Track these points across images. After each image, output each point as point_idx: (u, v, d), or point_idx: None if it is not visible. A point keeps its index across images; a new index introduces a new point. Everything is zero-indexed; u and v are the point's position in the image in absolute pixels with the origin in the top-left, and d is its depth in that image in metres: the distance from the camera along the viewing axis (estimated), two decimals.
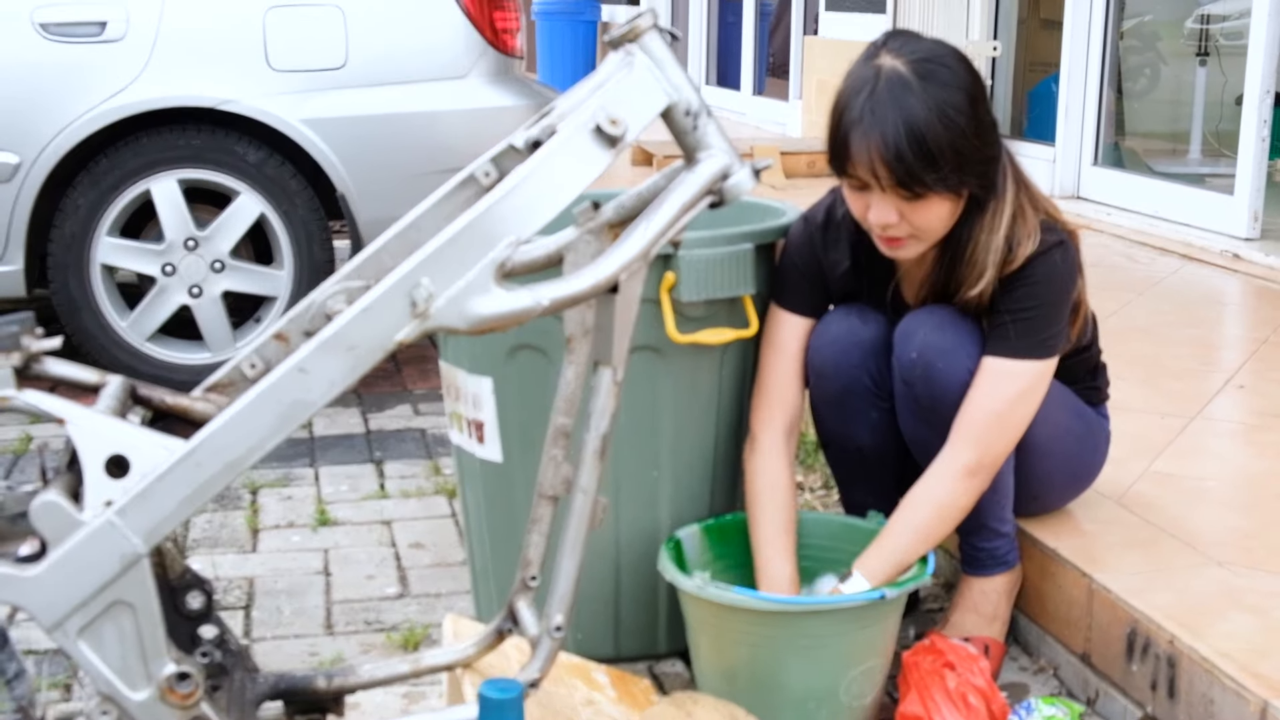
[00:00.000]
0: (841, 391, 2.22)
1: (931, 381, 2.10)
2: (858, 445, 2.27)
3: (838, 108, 2.02)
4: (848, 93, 2.01)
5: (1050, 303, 2.09)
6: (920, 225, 2.03)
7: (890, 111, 1.95)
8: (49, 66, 3.67)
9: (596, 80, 1.68)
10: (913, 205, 2.00)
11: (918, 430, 2.17)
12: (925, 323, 2.13)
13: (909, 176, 1.96)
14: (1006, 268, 2.07)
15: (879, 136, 1.95)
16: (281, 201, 3.82)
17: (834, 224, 2.22)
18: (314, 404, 1.55)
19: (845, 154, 2.00)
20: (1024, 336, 2.08)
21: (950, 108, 1.97)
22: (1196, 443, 2.80)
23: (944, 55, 2.01)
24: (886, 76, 1.98)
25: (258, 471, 3.29)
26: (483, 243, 1.56)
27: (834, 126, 2.02)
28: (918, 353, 2.11)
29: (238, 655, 1.84)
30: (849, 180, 2.04)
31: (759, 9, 9.28)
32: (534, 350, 2.19)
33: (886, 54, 2.01)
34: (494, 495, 2.32)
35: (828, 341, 2.21)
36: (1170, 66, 7.13)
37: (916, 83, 1.96)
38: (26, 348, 1.61)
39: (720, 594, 1.99)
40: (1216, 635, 1.98)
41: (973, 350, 2.10)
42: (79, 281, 3.77)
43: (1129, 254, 4.77)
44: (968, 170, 2.00)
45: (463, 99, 3.90)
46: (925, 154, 1.95)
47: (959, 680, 2.02)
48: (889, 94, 1.96)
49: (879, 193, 2.00)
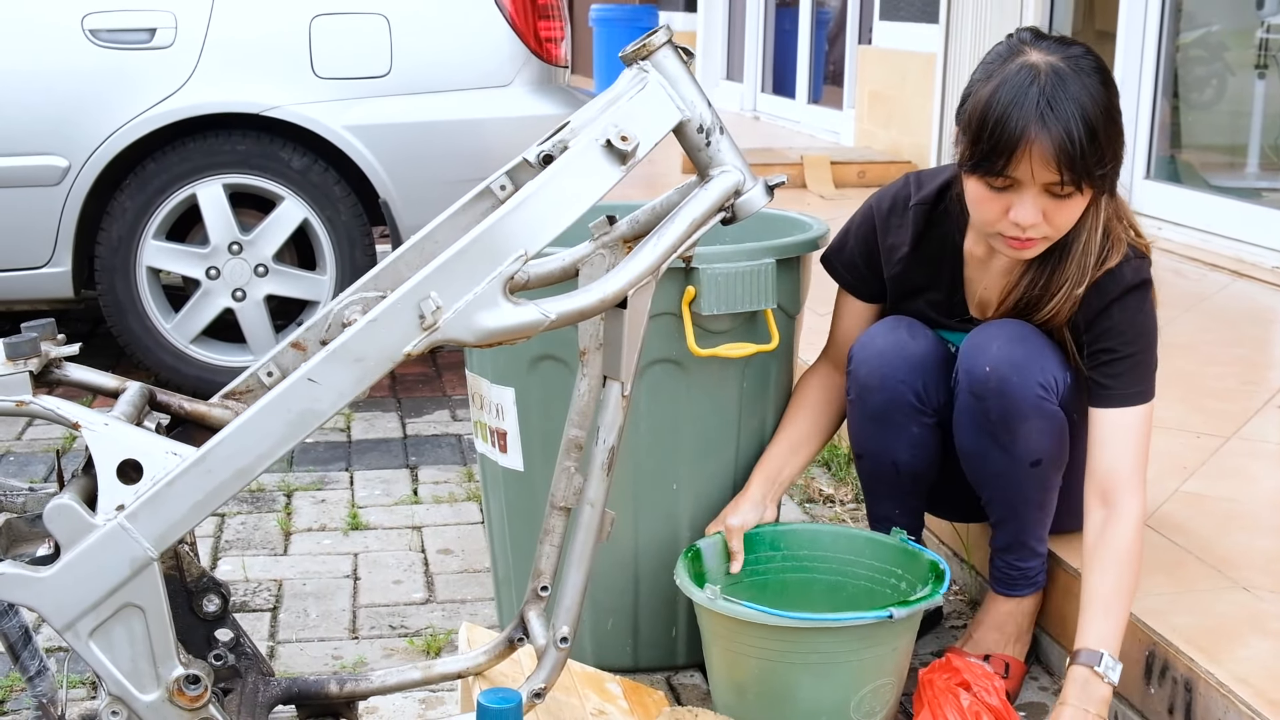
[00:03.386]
0: (884, 406, 2.20)
1: (1005, 396, 2.08)
2: (894, 460, 2.25)
3: (998, 106, 1.95)
4: (1009, 90, 1.95)
5: (1149, 343, 2.11)
6: (1059, 224, 2.02)
7: (1068, 106, 1.93)
8: (98, 72, 3.73)
9: (610, 96, 1.69)
10: (1058, 204, 1.99)
11: (979, 443, 2.15)
12: (998, 336, 2.11)
13: (1085, 172, 1.95)
14: (1100, 270, 2.07)
15: (1061, 130, 1.92)
16: (325, 207, 3.86)
17: (899, 210, 2.23)
18: (323, 414, 1.57)
19: (1014, 151, 1.94)
20: (1138, 383, 2.09)
21: (1108, 101, 1.97)
22: (1231, 464, 2.77)
23: (1083, 52, 2.01)
24: (1050, 71, 1.95)
25: (293, 474, 3.33)
26: (492, 256, 1.58)
27: (995, 125, 1.95)
28: (991, 366, 2.09)
29: (253, 658, 1.86)
30: (995, 180, 1.98)
31: (815, 17, 9.26)
32: (556, 361, 2.20)
33: (1035, 51, 1.98)
34: (516, 504, 2.34)
35: (874, 354, 2.21)
36: (1228, 79, 7.04)
37: (1077, 78, 1.95)
38: (45, 353, 1.64)
39: (730, 607, 1.99)
40: (1235, 660, 1.96)
41: (1045, 365, 2.09)
42: (125, 284, 3.83)
43: (1178, 269, 4.72)
44: (1118, 165, 2.01)
45: (506, 107, 3.92)
46: (1097, 148, 1.95)
47: (973, 699, 2.01)
48: (1060, 90, 1.93)
49: (1030, 192, 1.98)
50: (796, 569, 2.27)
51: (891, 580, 2.23)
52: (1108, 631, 1.98)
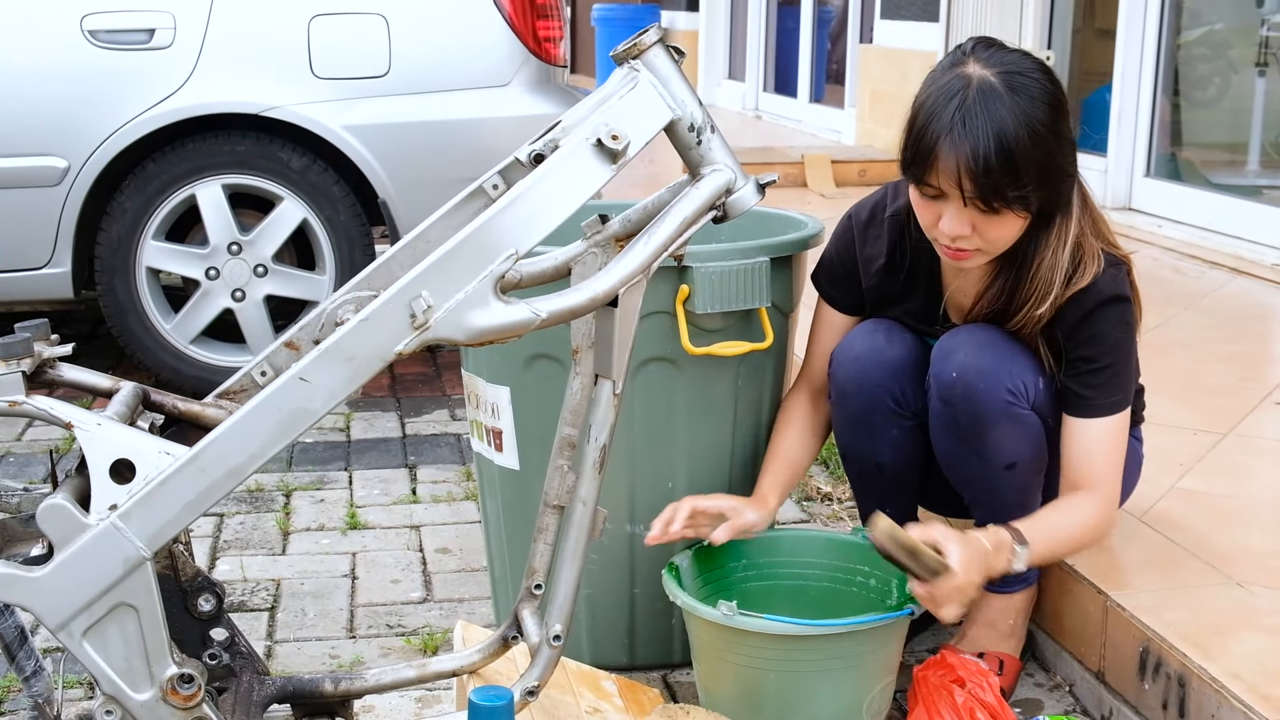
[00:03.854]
0: (863, 409, 2.21)
1: (971, 401, 2.08)
2: (877, 462, 2.26)
3: (922, 114, 1.97)
4: (935, 100, 1.96)
5: (1127, 355, 2.12)
6: (991, 239, 2.01)
7: (982, 123, 1.91)
8: (97, 73, 3.73)
9: (600, 95, 1.70)
10: (987, 219, 1.98)
11: (954, 447, 2.16)
12: (966, 342, 2.11)
13: (993, 191, 1.93)
14: (1070, 288, 2.05)
15: (969, 148, 1.91)
16: (324, 207, 3.87)
17: (877, 220, 2.22)
18: (315, 413, 1.58)
19: (928, 162, 1.96)
20: (1114, 393, 2.10)
21: (1038, 122, 1.94)
22: (1227, 460, 2.77)
23: (1031, 68, 1.98)
24: (978, 86, 1.94)
25: (292, 474, 3.34)
26: (482, 255, 1.58)
27: (917, 134, 1.97)
28: (958, 372, 2.09)
29: (248, 658, 1.87)
30: (923, 188, 2.00)
31: (817, 16, 9.26)
32: (551, 360, 2.21)
33: (974, 63, 1.97)
34: (512, 503, 2.34)
35: (851, 358, 2.21)
36: (1229, 77, 7.03)
37: (1007, 95, 1.93)
38: (39, 353, 1.65)
39: (750, 622, 1.96)
40: (1228, 656, 1.96)
41: (1013, 371, 2.08)
42: (125, 284, 3.84)
43: (1177, 266, 4.71)
44: (1047, 187, 1.98)
45: (504, 107, 3.93)
46: (1012, 169, 1.92)
47: (967, 696, 2.01)
48: (980, 105, 1.92)
49: (956, 204, 1.97)
50: (757, 577, 2.26)
51: (858, 579, 2.22)
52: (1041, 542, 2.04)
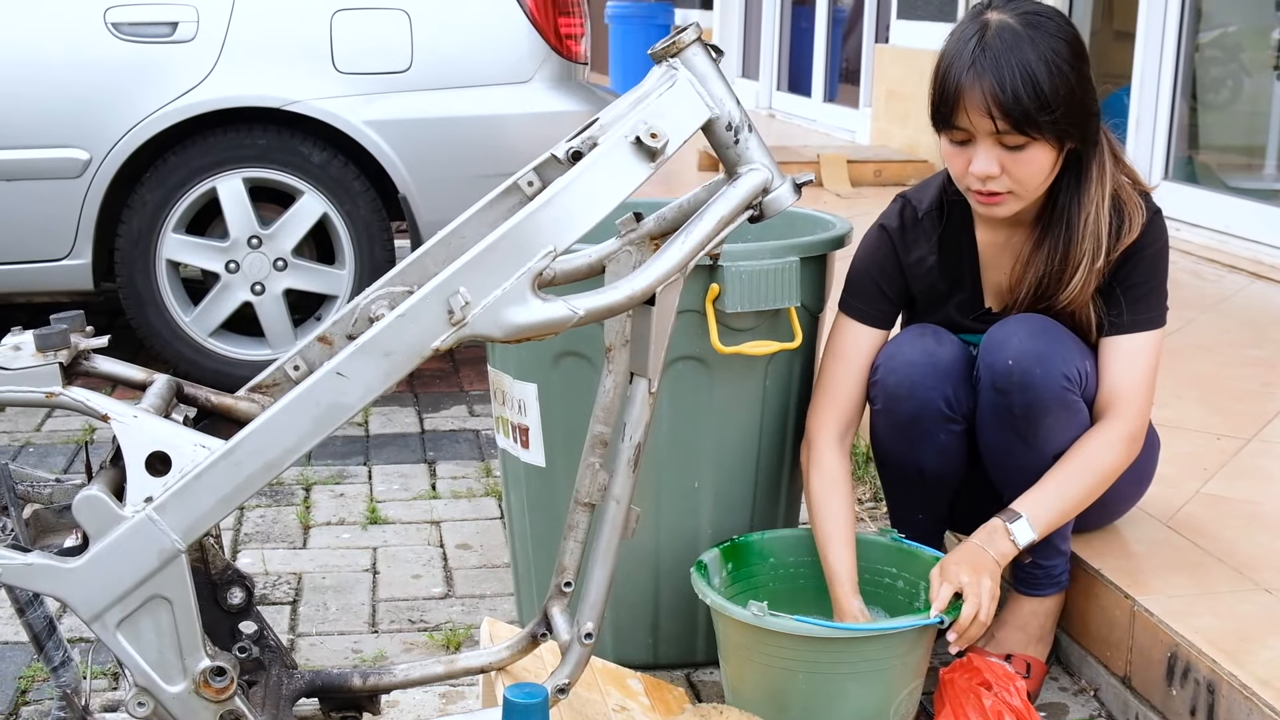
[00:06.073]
0: (914, 415, 2.19)
1: (1028, 389, 2.08)
2: (920, 468, 2.24)
3: (945, 60, 2.07)
4: (955, 44, 2.06)
5: (1163, 272, 2.19)
6: (1021, 177, 2.06)
7: (1004, 55, 2.01)
8: (120, 65, 3.73)
9: (639, 93, 1.69)
10: (1015, 156, 2.05)
11: (1004, 439, 2.15)
12: (1018, 330, 2.12)
13: (1023, 118, 2.01)
14: (1122, 242, 2.12)
15: (993, 78, 2.00)
16: (344, 202, 3.87)
17: (912, 224, 2.25)
18: (351, 407, 1.58)
19: (955, 102, 2.04)
20: (1149, 309, 2.17)
21: (1058, 55, 2.02)
22: (1251, 465, 2.76)
23: (1050, 11, 2.08)
24: (996, 26, 2.04)
25: (312, 468, 3.34)
26: (520, 252, 1.58)
27: (941, 78, 2.06)
28: (1014, 359, 2.09)
29: (276, 651, 1.87)
30: (952, 133, 2.08)
31: (831, 15, 9.25)
32: (579, 357, 2.21)
33: (993, 11, 2.07)
34: (537, 500, 2.34)
35: (903, 364, 2.19)
36: (1248, 80, 7.01)
37: (1026, 31, 2.02)
38: (75, 345, 1.65)
39: (781, 623, 1.96)
40: (1258, 662, 1.95)
41: (1067, 357, 2.10)
42: (145, 277, 3.84)
43: (1196, 270, 4.71)
44: (1072, 118, 2.04)
45: (525, 103, 3.93)
46: (1039, 95, 2.00)
47: (994, 699, 2.01)
48: (1000, 41, 2.02)
49: (985, 143, 2.05)
50: (785, 577, 2.26)
51: (885, 580, 2.22)
52: (1038, 502, 2.09)
